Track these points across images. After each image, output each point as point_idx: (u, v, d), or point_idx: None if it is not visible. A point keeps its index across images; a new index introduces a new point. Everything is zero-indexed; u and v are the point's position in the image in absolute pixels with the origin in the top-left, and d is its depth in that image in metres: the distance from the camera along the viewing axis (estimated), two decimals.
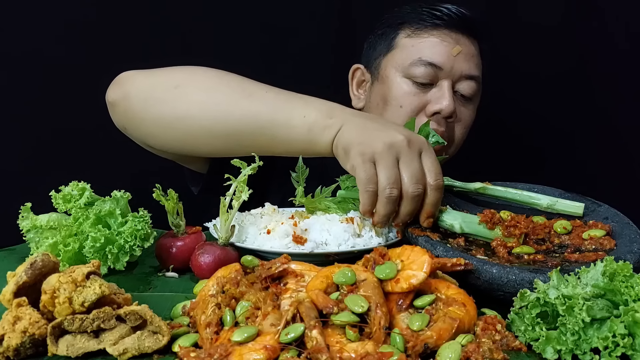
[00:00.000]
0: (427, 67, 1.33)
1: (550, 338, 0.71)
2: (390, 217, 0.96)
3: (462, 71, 1.35)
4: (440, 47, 1.35)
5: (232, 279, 0.81)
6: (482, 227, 0.99)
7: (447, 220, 0.99)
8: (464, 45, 1.37)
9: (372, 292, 0.75)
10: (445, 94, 1.33)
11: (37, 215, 1.01)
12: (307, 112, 1.02)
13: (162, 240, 1.02)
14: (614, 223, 1.04)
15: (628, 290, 0.71)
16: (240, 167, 0.98)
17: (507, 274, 0.84)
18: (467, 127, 1.42)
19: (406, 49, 1.37)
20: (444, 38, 1.35)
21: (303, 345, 0.70)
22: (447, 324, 0.73)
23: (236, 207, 0.98)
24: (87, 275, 0.74)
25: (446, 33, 1.36)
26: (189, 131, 1.09)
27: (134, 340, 0.71)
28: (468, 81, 1.36)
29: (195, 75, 1.11)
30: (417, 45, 1.36)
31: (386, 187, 0.93)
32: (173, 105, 1.08)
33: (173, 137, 1.12)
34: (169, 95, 1.09)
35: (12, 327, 0.70)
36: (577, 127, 1.88)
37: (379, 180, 0.93)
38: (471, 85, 1.37)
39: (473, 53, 1.38)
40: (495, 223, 0.98)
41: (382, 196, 0.93)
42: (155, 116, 1.10)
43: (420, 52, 1.35)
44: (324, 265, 0.85)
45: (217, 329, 0.74)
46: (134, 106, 1.11)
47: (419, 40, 1.36)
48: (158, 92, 1.10)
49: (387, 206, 0.94)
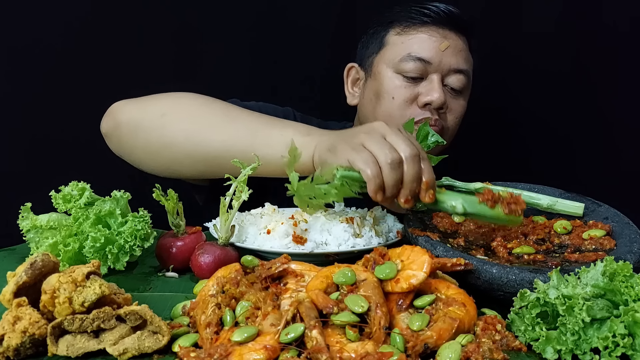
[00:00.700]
0: (417, 62, 1.37)
1: (550, 338, 0.71)
2: (398, 183, 0.93)
3: (450, 65, 1.38)
4: (428, 43, 1.38)
5: (232, 279, 0.81)
6: (484, 206, 0.97)
7: (448, 201, 0.97)
8: (452, 40, 1.40)
9: (372, 292, 0.75)
10: (435, 87, 1.36)
11: (37, 215, 1.01)
12: (284, 132, 1.07)
13: (162, 240, 1.02)
14: (614, 223, 1.04)
15: (628, 290, 0.71)
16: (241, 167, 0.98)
17: (507, 274, 0.84)
18: (458, 117, 1.44)
19: (396, 45, 1.41)
20: (431, 34, 1.39)
21: (303, 345, 0.70)
22: (447, 324, 0.73)
23: (236, 207, 0.98)
24: (87, 275, 0.75)
25: (434, 29, 1.40)
26: (175, 157, 1.16)
27: (134, 340, 0.71)
28: (457, 75, 1.39)
29: (181, 103, 1.18)
30: (406, 42, 1.40)
31: (385, 155, 0.93)
32: (160, 134, 1.15)
33: (161, 163, 1.19)
34: (156, 123, 1.16)
35: (12, 327, 0.70)
36: (577, 127, 1.88)
37: (376, 154, 0.93)
38: (460, 79, 1.39)
39: (461, 48, 1.41)
40: (495, 201, 0.97)
41: (384, 165, 0.92)
42: (144, 144, 1.18)
43: (409, 48, 1.39)
44: (324, 265, 0.85)
45: (217, 329, 0.74)
46: (124, 136, 1.19)
47: (408, 37, 1.40)
48: (146, 122, 1.17)
49: (393, 173, 0.92)
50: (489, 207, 0.97)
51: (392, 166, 0.92)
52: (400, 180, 0.93)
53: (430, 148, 1.11)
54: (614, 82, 1.85)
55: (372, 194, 0.93)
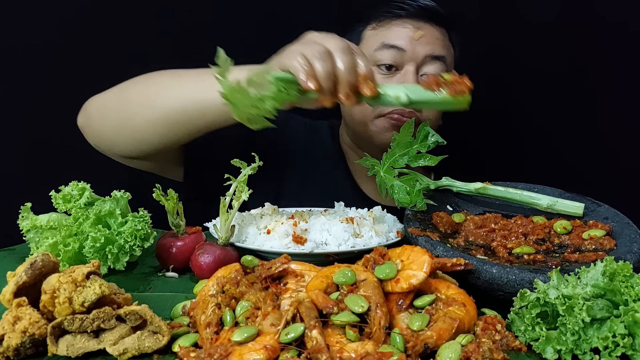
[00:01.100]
0: (390, 49, 1.38)
1: (550, 338, 0.71)
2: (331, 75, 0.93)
3: (425, 53, 1.38)
4: (402, 32, 1.40)
5: (232, 279, 0.81)
6: (429, 92, 0.96)
7: (390, 93, 0.96)
8: (427, 30, 1.41)
9: (372, 292, 0.75)
10: (409, 78, 1.37)
11: (37, 215, 1.01)
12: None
13: (162, 240, 1.02)
14: (614, 223, 1.04)
15: (628, 290, 0.71)
16: (241, 167, 0.99)
17: (507, 274, 0.84)
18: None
19: (371, 38, 1.43)
20: (404, 25, 1.41)
21: (303, 345, 0.70)
22: (447, 324, 0.73)
23: (236, 207, 0.98)
24: (87, 275, 0.75)
25: (408, 22, 1.41)
26: (137, 127, 1.20)
27: (134, 340, 0.71)
28: (434, 62, 1.39)
29: (136, 79, 1.23)
30: (381, 34, 1.42)
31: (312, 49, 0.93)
32: (120, 109, 1.22)
33: (128, 137, 1.22)
34: (115, 101, 1.23)
35: (12, 327, 0.70)
36: (578, 127, 1.88)
37: (304, 52, 0.94)
38: (437, 66, 1.39)
39: (437, 37, 1.41)
40: (439, 85, 0.96)
41: (312, 58, 0.93)
42: (110, 124, 1.24)
43: (382, 38, 1.41)
44: (324, 265, 0.85)
45: (217, 329, 0.74)
46: (94, 123, 1.26)
47: (382, 30, 1.43)
48: (108, 102, 1.25)
49: (322, 64, 0.92)
50: (434, 92, 0.96)
51: (320, 57, 0.93)
52: (332, 72, 0.93)
53: (430, 148, 1.11)
54: (614, 82, 1.85)
55: (304, 84, 0.92)
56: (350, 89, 0.94)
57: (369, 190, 1.52)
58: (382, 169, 1.11)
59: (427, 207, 1.08)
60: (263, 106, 0.89)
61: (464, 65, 1.85)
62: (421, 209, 1.07)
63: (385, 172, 1.11)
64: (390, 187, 1.10)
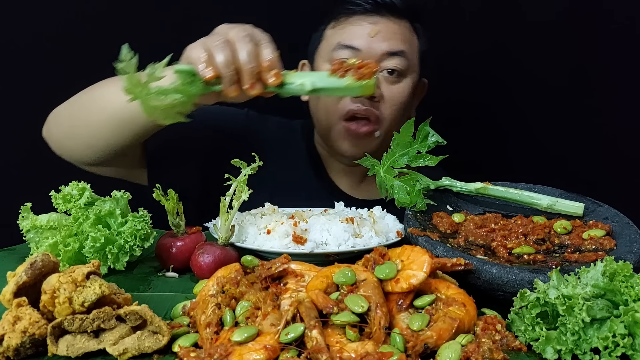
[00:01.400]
0: (346, 50, 1.38)
1: (550, 338, 0.71)
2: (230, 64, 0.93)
3: (382, 50, 1.37)
4: (357, 31, 1.39)
5: (232, 279, 0.81)
6: (335, 78, 0.96)
7: (295, 81, 0.95)
8: (383, 25, 1.39)
9: (372, 292, 0.75)
10: None
11: (37, 215, 1.01)
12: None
13: (162, 240, 1.02)
14: (614, 223, 1.04)
15: (628, 290, 0.71)
16: (240, 167, 0.99)
17: (507, 274, 0.84)
18: (396, 104, 1.41)
19: (329, 38, 1.44)
20: (360, 23, 1.40)
21: (303, 345, 0.70)
22: (447, 324, 0.73)
23: (236, 207, 0.98)
24: (87, 275, 0.75)
25: (363, 18, 1.41)
26: (85, 134, 1.22)
27: (134, 340, 0.71)
28: (392, 58, 1.38)
29: (88, 88, 1.26)
30: (337, 33, 1.42)
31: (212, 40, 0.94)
32: (69, 117, 1.26)
33: (82, 142, 1.25)
34: (66, 112, 1.27)
35: (12, 327, 0.70)
36: (578, 127, 1.88)
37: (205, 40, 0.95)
38: (396, 62, 1.38)
39: (395, 31, 1.40)
40: (345, 70, 0.96)
41: (211, 48, 0.93)
42: (63, 133, 1.27)
43: (339, 38, 1.41)
44: (324, 265, 0.85)
45: (217, 329, 0.74)
46: (52, 134, 1.30)
47: (339, 29, 1.42)
48: (61, 113, 1.28)
49: (221, 53, 0.93)
50: (339, 78, 0.95)
51: (219, 47, 0.93)
52: (232, 60, 0.93)
53: (430, 148, 1.11)
54: (614, 82, 1.85)
55: (203, 73, 0.92)
56: (253, 78, 0.93)
57: (345, 186, 1.53)
58: (382, 169, 1.11)
59: (427, 207, 1.08)
60: (167, 100, 0.88)
61: (465, 65, 1.86)
62: (421, 209, 1.07)
63: (385, 172, 1.11)
64: (390, 187, 1.10)
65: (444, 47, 1.84)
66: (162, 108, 0.90)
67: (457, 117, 1.86)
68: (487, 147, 1.92)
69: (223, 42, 0.93)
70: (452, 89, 1.87)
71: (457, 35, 1.84)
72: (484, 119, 1.89)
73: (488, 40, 1.85)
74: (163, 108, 0.90)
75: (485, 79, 1.87)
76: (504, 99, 1.89)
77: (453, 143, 1.15)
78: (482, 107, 1.89)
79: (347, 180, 1.55)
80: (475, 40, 1.85)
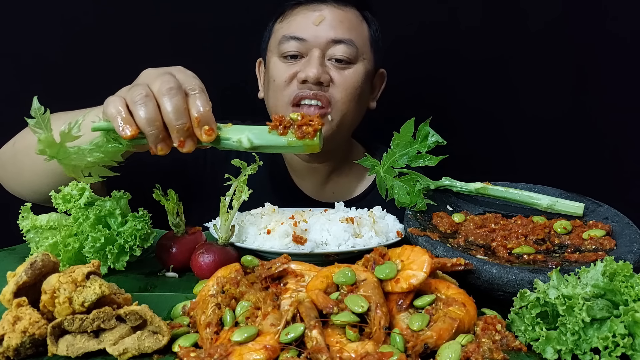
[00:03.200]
0: (291, 41, 1.38)
1: (550, 338, 0.71)
2: (154, 121, 0.85)
3: (327, 37, 1.37)
4: (302, 21, 1.40)
5: (232, 279, 0.81)
6: (274, 135, 0.90)
7: (232, 137, 0.89)
8: (328, 13, 1.39)
9: (372, 292, 0.75)
10: (311, 62, 1.36)
11: (37, 215, 1.01)
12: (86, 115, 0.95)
13: (162, 240, 1.02)
14: (614, 223, 1.04)
15: (628, 290, 0.71)
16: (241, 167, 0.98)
17: (507, 274, 0.84)
18: (347, 89, 1.39)
19: (277, 32, 1.44)
20: (305, 13, 1.41)
21: (303, 345, 0.70)
22: (447, 324, 0.73)
23: (236, 207, 0.98)
24: (87, 275, 0.75)
25: (308, 8, 1.41)
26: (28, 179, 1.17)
27: (134, 340, 0.70)
28: (338, 45, 1.37)
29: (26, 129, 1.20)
30: (284, 26, 1.43)
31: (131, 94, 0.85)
32: (12, 162, 1.21)
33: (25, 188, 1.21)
34: (9, 155, 1.23)
35: (12, 327, 0.70)
36: (578, 127, 1.88)
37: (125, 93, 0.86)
38: (342, 49, 1.37)
39: (342, 19, 1.40)
40: (286, 127, 0.90)
41: (131, 104, 0.85)
42: (8, 175, 1.24)
43: (285, 31, 1.41)
44: (324, 265, 0.85)
45: (217, 329, 0.74)
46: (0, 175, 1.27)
47: (286, 22, 1.43)
48: (4, 155, 1.24)
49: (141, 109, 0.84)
50: (279, 135, 0.89)
51: (139, 102, 0.84)
52: (155, 117, 0.84)
53: (430, 148, 1.11)
54: (614, 82, 1.85)
55: (121, 132, 0.84)
56: (183, 134, 0.85)
57: (308, 189, 1.52)
58: (382, 169, 1.11)
59: (427, 207, 1.08)
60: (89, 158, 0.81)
61: (466, 65, 1.86)
62: (421, 209, 1.07)
63: (385, 172, 1.11)
64: (390, 187, 1.10)
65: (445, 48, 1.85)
66: (84, 166, 0.84)
67: (457, 117, 1.86)
68: (487, 147, 1.92)
69: (144, 97, 0.84)
70: (452, 90, 1.87)
71: (458, 37, 1.85)
72: (484, 119, 1.89)
73: (488, 43, 1.85)
74: (86, 166, 0.84)
75: (485, 79, 1.87)
76: (504, 98, 1.89)
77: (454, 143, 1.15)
78: (483, 107, 1.89)
79: (311, 181, 1.53)
80: (476, 41, 1.85)
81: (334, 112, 1.38)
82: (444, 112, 1.52)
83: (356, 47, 1.39)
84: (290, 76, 1.38)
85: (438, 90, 1.85)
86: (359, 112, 1.45)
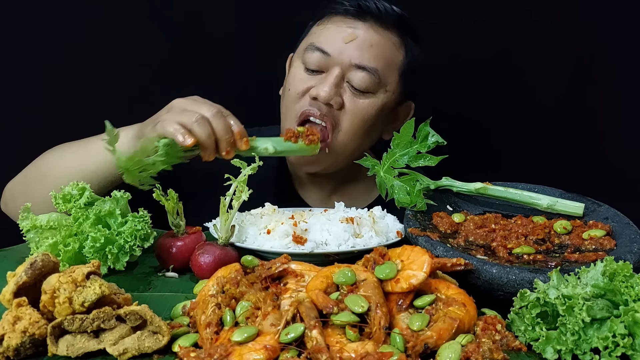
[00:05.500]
0: (316, 52, 1.29)
1: (550, 338, 0.71)
2: (210, 135, 1.05)
3: (351, 60, 1.27)
4: (333, 33, 1.30)
5: (232, 279, 0.81)
6: (289, 143, 1.14)
7: (260, 145, 1.11)
8: (363, 33, 1.29)
9: (372, 292, 0.75)
10: (327, 81, 1.27)
11: (37, 215, 1.01)
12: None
13: (162, 240, 1.02)
14: (614, 223, 1.04)
15: (628, 290, 0.71)
16: (241, 167, 0.99)
17: (507, 274, 0.84)
18: (357, 118, 1.30)
19: (312, 36, 1.35)
20: (339, 26, 1.31)
21: (303, 345, 0.70)
22: (447, 324, 0.73)
23: (236, 207, 0.98)
24: (87, 275, 0.75)
25: (344, 21, 1.31)
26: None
27: (134, 340, 0.71)
28: (359, 72, 1.28)
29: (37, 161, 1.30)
30: (317, 32, 1.34)
31: (189, 117, 1.05)
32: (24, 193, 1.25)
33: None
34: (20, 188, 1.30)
35: (12, 327, 0.70)
36: (578, 127, 1.88)
37: (181, 121, 1.04)
38: (362, 77, 1.28)
39: (373, 43, 1.29)
40: (296, 137, 1.14)
41: (192, 125, 1.04)
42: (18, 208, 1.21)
43: (314, 38, 1.32)
44: (324, 265, 0.85)
45: (217, 329, 0.74)
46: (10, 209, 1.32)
47: (320, 28, 1.34)
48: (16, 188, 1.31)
49: (202, 128, 1.04)
50: (292, 143, 1.14)
51: (199, 123, 1.05)
52: (212, 134, 1.06)
53: (430, 148, 1.11)
54: (615, 82, 1.84)
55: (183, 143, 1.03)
56: (229, 146, 1.08)
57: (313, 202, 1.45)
58: (382, 169, 1.11)
59: (427, 207, 1.08)
60: (154, 169, 1.01)
61: (466, 65, 1.86)
62: (421, 209, 1.07)
63: (385, 172, 1.11)
64: (390, 187, 1.10)
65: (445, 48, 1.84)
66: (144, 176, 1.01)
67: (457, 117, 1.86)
68: (487, 147, 1.92)
69: (200, 118, 1.05)
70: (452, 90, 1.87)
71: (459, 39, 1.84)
72: (484, 119, 1.89)
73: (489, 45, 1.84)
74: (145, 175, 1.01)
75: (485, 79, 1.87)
76: (504, 99, 1.89)
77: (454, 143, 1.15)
78: (483, 107, 1.89)
79: (316, 194, 1.46)
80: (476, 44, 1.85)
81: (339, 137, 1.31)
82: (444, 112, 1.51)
83: (379, 77, 1.29)
84: (304, 90, 1.31)
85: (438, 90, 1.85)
86: (365, 144, 1.36)
